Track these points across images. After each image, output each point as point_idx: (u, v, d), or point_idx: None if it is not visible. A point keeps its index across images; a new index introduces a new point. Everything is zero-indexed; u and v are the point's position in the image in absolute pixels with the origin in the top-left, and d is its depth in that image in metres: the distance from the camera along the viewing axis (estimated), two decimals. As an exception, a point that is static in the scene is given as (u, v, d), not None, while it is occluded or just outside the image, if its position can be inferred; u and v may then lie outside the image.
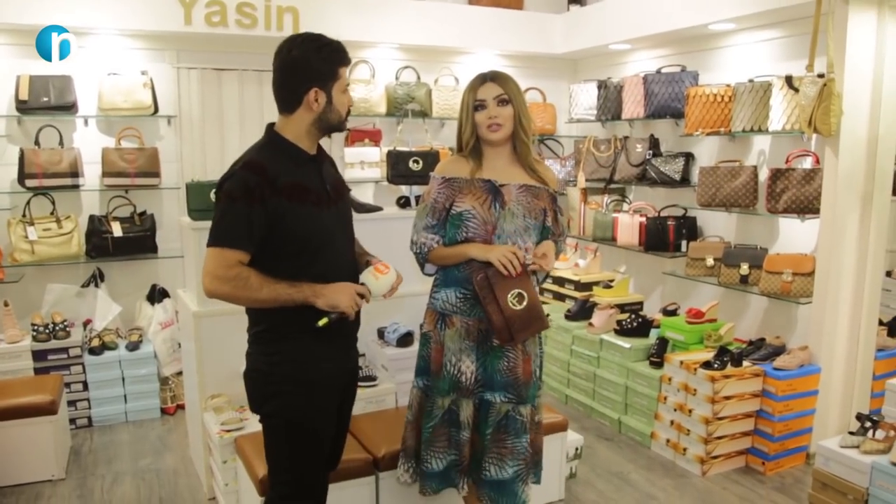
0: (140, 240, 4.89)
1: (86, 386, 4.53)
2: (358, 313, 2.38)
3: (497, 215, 2.61)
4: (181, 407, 4.73)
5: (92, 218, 4.82)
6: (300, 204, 2.23)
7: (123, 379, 4.60)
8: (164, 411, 4.75)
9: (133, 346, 4.67)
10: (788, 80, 4.01)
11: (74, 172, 4.71)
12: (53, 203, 4.70)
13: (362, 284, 2.35)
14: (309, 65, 2.23)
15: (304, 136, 2.31)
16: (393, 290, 2.44)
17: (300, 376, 2.31)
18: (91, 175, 4.86)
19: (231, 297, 2.21)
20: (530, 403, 2.69)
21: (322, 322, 2.22)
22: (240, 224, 2.17)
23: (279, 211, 2.19)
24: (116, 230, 4.80)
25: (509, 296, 2.52)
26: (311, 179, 2.31)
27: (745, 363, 3.99)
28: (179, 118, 5.18)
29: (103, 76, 4.82)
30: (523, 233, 2.63)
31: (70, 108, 4.67)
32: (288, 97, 2.28)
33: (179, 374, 4.78)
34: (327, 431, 2.43)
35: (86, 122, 4.94)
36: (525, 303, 2.54)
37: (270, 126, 2.35)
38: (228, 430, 3.34)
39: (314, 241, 2.29)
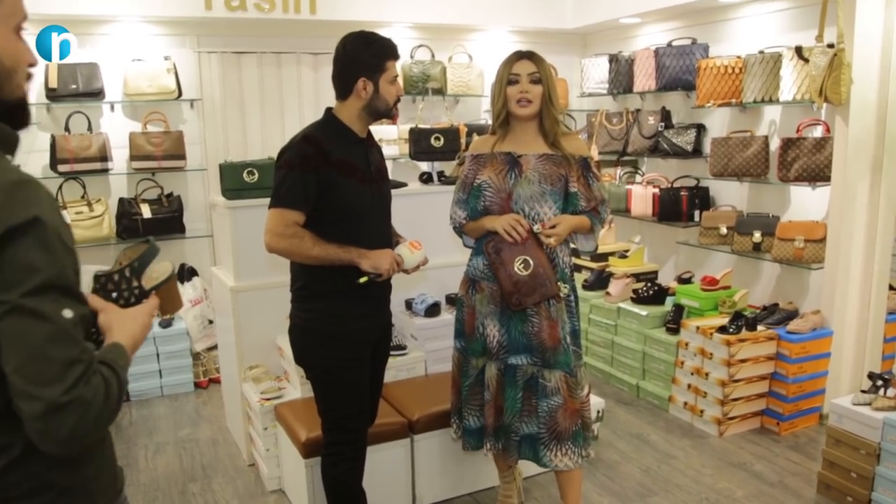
0: (168, 220, 5.04)
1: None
2: (389, 278, 2.65)
3: (512, 183, 2.77)
4: (213, 381, 4.91)
5: (121, 201, 4.97)
6: (347, 178, 2.50)
7: (158, 355, 4.78)
8: (197, 385, 4.94)
9: (166, 324, 4.84)
10: (798, 51, 4.11)
11: (103, 157, 4.85)
12: (84, 187, 4.85)
13: (398, 255, 2.62)
14: (358, 58, 2.51)
15: (356, 121, 2.57)
16: (418, 267, 2.71)
17: (334, 330, 2.58)
18: (119, 159, 5.01)
19: (288, 252, 2.50)
20: (561, 370, 2.77)
21: (363, 280, 2.51)
22: (297, 188, 2.44)
23: (330, 181, 2.45)
24: (145, 212, 4.95)
25: (516, 262, 2.70)
26: (358, 158, 2.56)
27: (760, 327, 4.13)
28: (202, 101, 5.31)
29: (128, 62, 4.95)
30: (539, 198, 2.75)
31: (97, 94, 4.81)
32: (341, 86, 2.56)
33: (210, 349, 4.95)
34: (363, 380, 2.67)
35: (112, 108, 5.07)
36: (531, 269, 2.69)
37: (329, 109, 2.61)
38: (268, 399, 3.50)
39: (355, 212, 2.54)
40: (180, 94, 5.09)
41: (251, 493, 3.52)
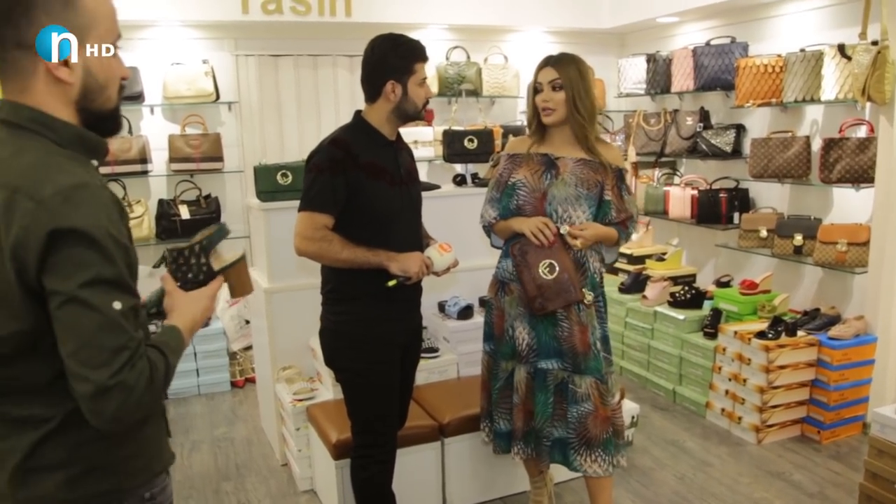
0: (206, 221, 5.08)
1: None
2: (420, 280, 2.64)
3: (547, 183, 2.74)
4: (249, 380, 4.95)
5: (161, 202, 5.05)
6: (376, 181, 2.49)
7: (195, 354, 4.84)
8: (233, 384, 4.99)
9: (203, 323, 4.88)
10: (841, 49, 4.01)
11: (143, 159, 4.94)
12: (125, 188, 4.93)
13: (428, 257, 2.60)
14: (386, 61, 2.51)
15: (385, 123, 2.57)
16: (448, 269, 2.68)
17: (363, 332, 2.58)
18: (158, 161, 5.09)
19: (317, 255, 2.51)
20: (591, 376, 2.74)
21: (391, 283, 2.49)
22: (326, 191, 2.45)
23: (358, 184, 2.46)
24: (184, 213, 5.02)
25: (541, 265, 2.67)
26: (387, 161, 2.56)
27: (800, 333, 4.04)
28: (239, 104, 5.37)
29: (167, 66, 5.02)
30: (574, 201, 2.72)
31: (137, 97, 4.89)
32: (369, 89, 2.56)
33: (246, 349, 5.00)
34: (392, 383, 2.66)
35: (152, 111, 5.16)
36: (555, 273, 2.66)
37: (358, 112, 2.62)
38: (300, 400, 3.53)
39: (384, 215, 2.54)
40: (218, 96, 5.16)
41: (283, 493, 3.54)
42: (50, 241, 1.21)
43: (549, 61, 2.74)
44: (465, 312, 3.91)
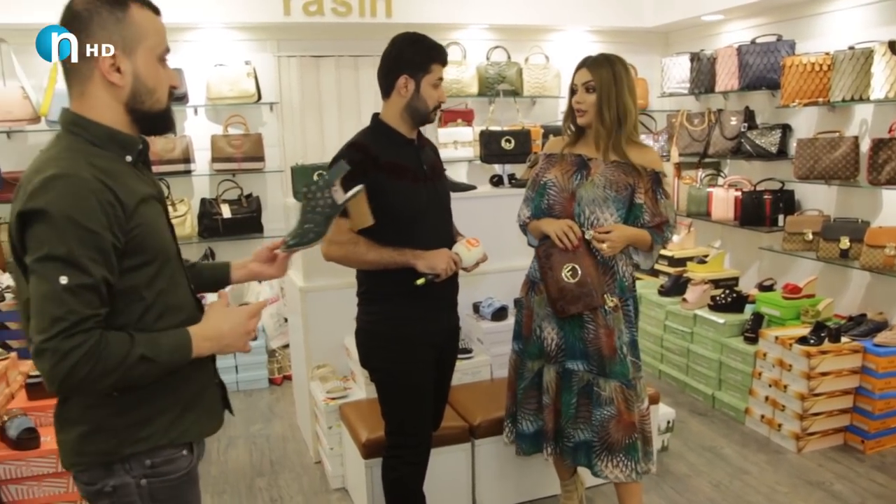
0: (247, 220, 5.19)
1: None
2: (455, 278, 2.65)
3: (576, 184, 2.72)
4: (287, 378, 5.01)
5: (203, 201, 5.15)
6: (397, 180, 2.50)
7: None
8: (271, 381, 5.06)
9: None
10: (892, 46, 3.89)
11: (186, 159, 5.04)
12: (168, 188, 5.03)
13: (456, 254, 2.58)
14: (402, 55, 2.52)
15: (400, 122, 2.57)
16: (477, 265, 2.65)
17: (396, 332, 2.59)
18: (201, 161, 5.20)
19: (344, 258, 2.54)
20: (617, 380, 2.69)
21: (420, 281, 2.48)
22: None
23: (379, 185, 2.45)
24: (226, 212, 5.11)
25: (564, 268, 2.65)
26: (409, 159, 2.56)
27: (844, 339, 3.92)
28: (281, 104, 5.44)
29: (211, 68, 5.12)
30: (602, 203, 2.68)
31: (181, 98, 4.99)
32: (384, 83, 2.56)
33: (285, 346, 5.06)
34: (426, 384, 2.66)
35: (195, 112, 5.27)
36: (577, 277, 2.63)
37: (375, 115, 2.62)
38: (333, 398, 3.55)
39: (409, 213, 2.54)
40: (260, 97, 5.23)
41: (315, 491, 3.57)
42: (20, 221, 1.43)
43: (586, 63, 2.71)
44: (500, 313, 3.89)
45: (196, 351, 1.57)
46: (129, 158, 1.58)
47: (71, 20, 1.49)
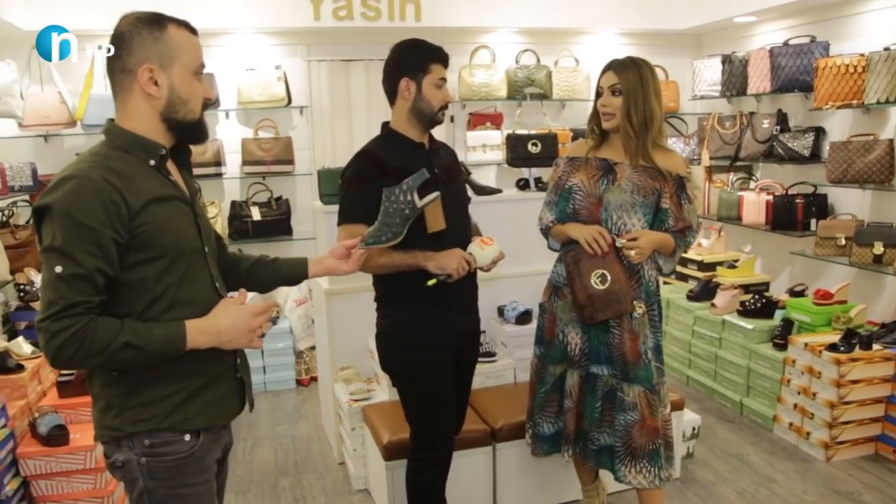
0: (276, 223, 5.25)
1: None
2: (473, 281, 2.66)
3: (603, 189, 2.70)
4: (314, 379, 5.06)
5: (233, 203, 5.22)
6: None
7: (262, 352, 4.98)
8: (298, 383, 5.11)
9: (273, 321, 5.04)
10: (927, 49, 3.80)
11: (217, 162, 5.11)
12: (200, 190, 5.11)
13: (469, 254, 2.57)
14: (401, 58, 2.57)
15: (408, 126, 2.59)
16: (494, 263, 2.63)
17: (412, 335, 2.62)
18: (232, 164, 5.27)
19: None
20: (641, 385, 2.69)
21: (431, 282, 2.48)
22: (356, 203, 2.51)
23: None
24: (255, 214, 5.18)
25: (593, 275, 2.63)
26: (418, 163, 2.54)
27: (876, 346, 3.85)
28: (311, 108, 5.49)
29: (241, 72, 5.19)
30: (629, 208, 2.67)
31: (213, 103, 5.07)
32: (388, 88, 2.61)
33: (313, 348, 5.11)
34: (445, 386, 2.67)
35: (227, 116, 5.34)
36: (607, 284, 2.61)
37: (385, 123, 2.67)
38: (357, 400, 3.58)
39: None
40: (290, 101, 5.29)
41: (338, 492, 3.61)
42: (34, 215, 1.62)
43: (612, 66, 2.70)
44: (524, 317, 3.89)
45: (191, 343, 1.67)
46: (152, 162, 1.71)
47: (117, 39, 1.68)
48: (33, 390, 3.43)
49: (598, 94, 2.72)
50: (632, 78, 2.64)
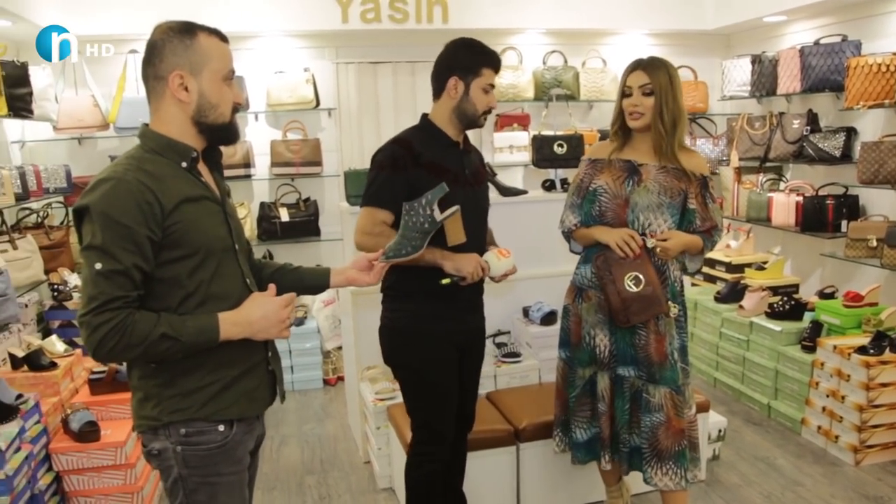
0: (305, 224, 5.31)
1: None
2: (481, 283, 2.66)
3: (629, 190, 2.69)
4: (341, 379, 5.11)
5: (262, 204, 5.29)
6: (437, 179, 2.47)
7: (290, 351, 5.03)
8: (325, 382, 5.16)
9: (299, 322, 5.10)
10: (961, 48, 3.74)
11: (247, 163, 5.19)
12: (230, 192, 5.18)
13: (484, 261, 2.58)
14: (455, 56, 2.57)
15: (448, 124, 2.60)
16: (506, 276, 2.64)
17: (418, 329, 2.62)
18: (261, 165, 5.34)
19: (374, 249, 2.46)
20: (666, 386, 2.68)
21: (445, 281, 2.50)
22: (385, 188, 2.52)
23: (419, 182, 2.46)
24: (284, 215, 5.24)
25: (626, 278, 2.61)
26: (452, 161, 2.59)
27: (907, 349, 3.79)
28: (339, 110, 5.55)
29: (270, 75, 5.26)
30: (656, 209, 2.66)
31: (243, 106, 5.14)
32: (435, 84, 2.61)
33: (339, 348, 5.15)
34: (448, 383, 2.67)
35: (256, 118, 5.42)
36: (641, 286, 2.60)
37: (424, 115, 2.67)
38: (382, 399, 3.61)
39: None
40: (318, 103, 5.35)
41: (363, 490, 3.64)
42: (74, 216, 1.72)
43: (640, 65, 2.68)
44: (549, 318, 3.90)
45: (224, 335, 1.75)
46: (184, 164, 1.79)
47: (150, 48, 1.77)
48: (66, 387, 3.51)
49: (625, 94, 2.70)
50: (663, 77, 2.63)
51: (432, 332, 2.62)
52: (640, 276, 2.61)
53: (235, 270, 1.87)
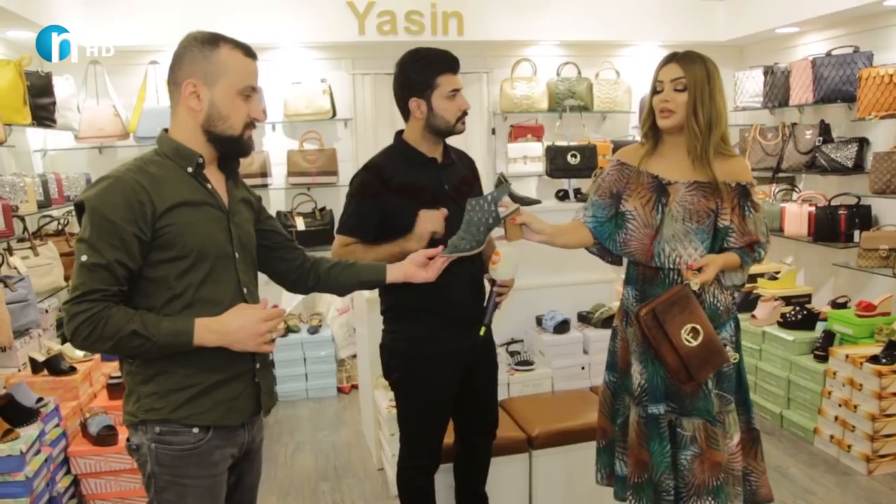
0: (320, 233, 5.36)
1: (273, 365, 5.05)
2: (481, 291, 2.66)
3: (659, 218, 2.43)
4: (355, 387, 5.15)
5: (278, 214, 5.36)
6: (412, 201, 2.48)
7: (305, 359, 5.09)
8: (339, 390, 5.21)
9: (314, 330, 5.15)
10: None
11: (264, 173, 5.26)
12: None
13: (444, 210, 2.49)
14: (406, 77, 2.51)
15: (422, 141, 2.56)
16: (506, 285, 2.55)
17: (413, 351, 2.61)
18: (277, 175, 5.42)
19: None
20: (700, 418, 2.42)
21: (482, 331, 2.49)
22: (355, 216, 2.54)
23: (391, 207, 2.47)
24: (300, 224, 5.30)
25: (682, 331, 2.28)
26: (427, 180, 2.54)
27: (920, 359, 3.80)
28: (355, 121, 5.61)
29: (288, 86, 5.33)
30: (683, 238, 2.40)
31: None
32: (400, 107, 2.58)
33: (354, 356, 5.20)
34: (441, 404, 2.68)
35: (273, 128, 5.50)
36: (701, 337, 2.28)
37: (398, 133, 2.63)
38: (395, 407, 3.64)
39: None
40: (335, 114, 5.42)
41: (377, 497, 3.68)
42: (76, 209, 1.78)
43: (674, 57, 2.40)
44: (562, 327, 3.93)
45: (198, 340, 1.76)
46: (189, 169, 1.84)
47: (175, 55, 1.84)
48: (85, 392, 3.58)
49: (656, 91, 2.42)
50: (698, 72, 2.34)
51: (426, 355, 2.59)
52: (698, 327, 2.28)
53: (231, 278, 1.88)
